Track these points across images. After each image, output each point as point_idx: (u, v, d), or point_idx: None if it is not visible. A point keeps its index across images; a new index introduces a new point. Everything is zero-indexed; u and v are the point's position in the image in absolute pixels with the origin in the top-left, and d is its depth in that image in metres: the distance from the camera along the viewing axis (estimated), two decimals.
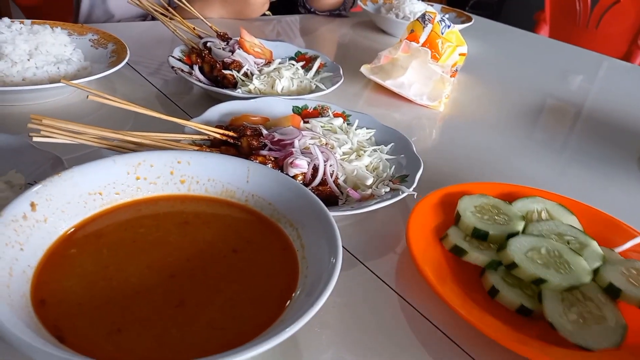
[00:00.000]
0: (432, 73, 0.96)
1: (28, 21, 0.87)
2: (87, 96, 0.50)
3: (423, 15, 1.03)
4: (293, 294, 0.40)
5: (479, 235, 0.53)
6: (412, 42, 0.95)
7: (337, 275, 0.37)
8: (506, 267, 0.50)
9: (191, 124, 0.60)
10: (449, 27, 0.99)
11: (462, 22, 1.44)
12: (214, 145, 0.64)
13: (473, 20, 1.44)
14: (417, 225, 0.53)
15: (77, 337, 0.34)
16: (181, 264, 0.42)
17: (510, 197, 0.61)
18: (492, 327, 0.44)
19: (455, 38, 1.00)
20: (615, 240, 0.56)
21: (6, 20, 0.80)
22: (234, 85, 0.86)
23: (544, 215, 0.59)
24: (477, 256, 0.51)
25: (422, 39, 0.96)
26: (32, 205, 0.41)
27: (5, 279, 0.35)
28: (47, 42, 0.79)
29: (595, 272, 0.50)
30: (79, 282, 0.39)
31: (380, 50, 1.03)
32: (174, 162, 0.50)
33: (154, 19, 1.43)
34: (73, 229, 0.44)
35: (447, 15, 1.46)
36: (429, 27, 1.00)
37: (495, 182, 0.63)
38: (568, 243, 0.53)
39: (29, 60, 0.76)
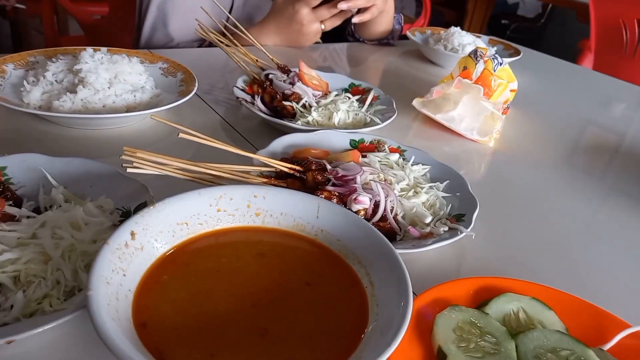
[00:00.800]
0: (483, 109, 0.99)
1: (104, 49, 0.94)
2: (178, 134, 0.55)
3: (475, 52, 1.06)
4: (365, 330, 0.43)
5: None
6: (465, 79, 0.98)
7: (408, 319, 0.40)
8: None
9: (262, 158, 0.65)
10: (501, 64, 1.02)
11: (510, 55, 1.45)
12: (280, 177, 0.68)
13: (522, 54, 1.46)
14: None
15: None
16: (261, 294, 0.46)
17: (481, 295, 0.55)
18: None
19: (506, 75, 1.03)
20: (599, 334, 0.52)
21: (89, 50, 0.87)
22: (292, 115, 0.91)
23: (521, 316, 0.53)
24: None
25: (474, 76, 0.98)
26: (132, 234, 0.46)
27: (114, 304, 0.40)
28: (124, 71, 0.86)
29: None
30: (173, 307, 0.43)
31: (427, 80, 1.06)
32: (251, 196, 0.54)
33: (210, 44, 1.52)
34: (164, 257, 0.48)
35: (495, 48, 1.48)
36: (481, 63, 1.02)
37: (465, 278, 0.56)
38: None
39: (109, 88, 0.82)
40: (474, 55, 1.05)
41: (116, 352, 0.34)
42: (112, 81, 0.84)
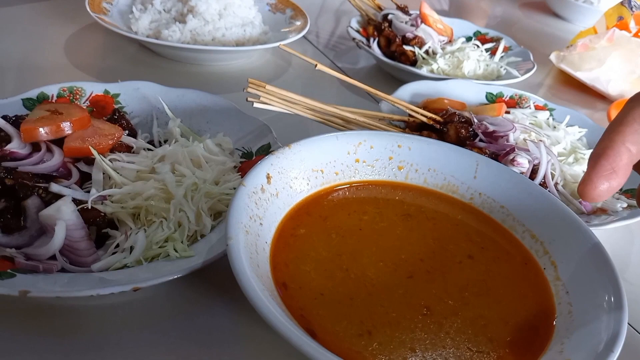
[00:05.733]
0: (638, 67, 0.83)
1: None
2: (315, 66, 0.47)
3: (629, 0, 0.89)
4: (553, 322, 0.34)
5: None
6: (622, 31, 0.82)
7: (625, 324, 0.30)
8: None
9: (400, 103, 0.55)
10: None
11: None
12: (411, 128, 0.59)
13: None
14: None
15: (328, 334, 0.31)
16: (416, 263, 0.38)
17: None
18: None
19: None
20: None
21: None
22: (412, 62, 0.80)
23: None
24: None
25: (634, 28, 0.82)
26: (268, 177, 0.39)
27: (255, 257, 0.33)
28: (234, 3, 0.79)
29: None
30: (315, 267, 0.36)
31: (553, 36, 0.91)
32: (394, 146, 0.46)
33: None
34: (298, 207, 0.41)
35: None
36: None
37: None
38: None
39: (219, 20, 0.75)
40: (628, 4, 0.89)
41: (266, 317, 0.28)
42: (222, 13, 0.76)
